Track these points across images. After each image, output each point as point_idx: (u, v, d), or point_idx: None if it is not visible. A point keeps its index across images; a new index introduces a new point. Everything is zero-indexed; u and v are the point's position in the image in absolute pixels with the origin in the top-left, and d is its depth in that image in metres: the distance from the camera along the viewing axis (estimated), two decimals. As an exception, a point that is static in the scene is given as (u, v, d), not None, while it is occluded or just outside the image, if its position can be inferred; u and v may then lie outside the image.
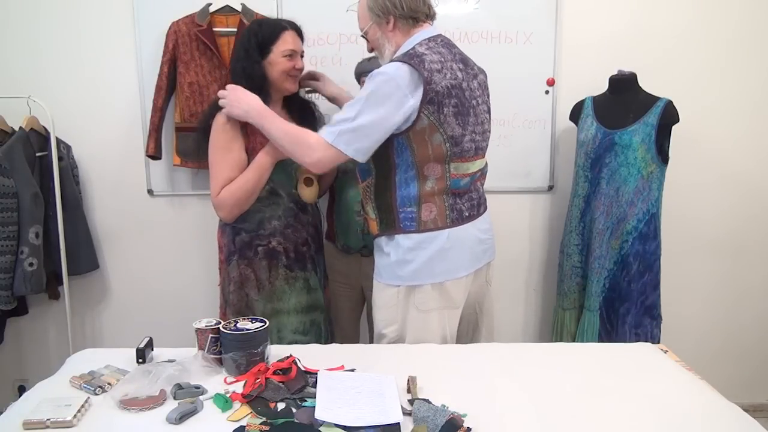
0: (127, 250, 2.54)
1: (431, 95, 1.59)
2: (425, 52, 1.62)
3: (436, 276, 1.69)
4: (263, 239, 1.89)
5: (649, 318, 2.21)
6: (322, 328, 1.99)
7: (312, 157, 1.65)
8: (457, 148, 1.66)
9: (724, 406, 1.33)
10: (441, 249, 1.68)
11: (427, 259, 1.68)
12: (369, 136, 1.60)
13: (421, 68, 1.57)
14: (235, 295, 1.92)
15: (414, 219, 1.68)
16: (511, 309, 2.63)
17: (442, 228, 1.68)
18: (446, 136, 1.63)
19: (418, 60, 1.59)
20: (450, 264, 1.70)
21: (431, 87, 1.58)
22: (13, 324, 2.46)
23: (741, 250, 2.59)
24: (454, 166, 1.68)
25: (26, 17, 2.36)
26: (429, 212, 1.68)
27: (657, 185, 2.17)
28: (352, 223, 2.14)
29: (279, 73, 1.87)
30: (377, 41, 1.74)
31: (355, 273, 2.23)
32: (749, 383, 2.63)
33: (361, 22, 1.77)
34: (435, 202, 1.68)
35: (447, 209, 1.69)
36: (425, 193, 1.67)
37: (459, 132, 1.65)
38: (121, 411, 1.28)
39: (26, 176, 2.20)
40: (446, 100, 1.61)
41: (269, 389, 1.35)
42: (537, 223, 2.59)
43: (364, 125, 1.58)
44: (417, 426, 1.21)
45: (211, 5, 2.30)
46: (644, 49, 2.42)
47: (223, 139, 1.83)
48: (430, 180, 1.67)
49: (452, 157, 1.66)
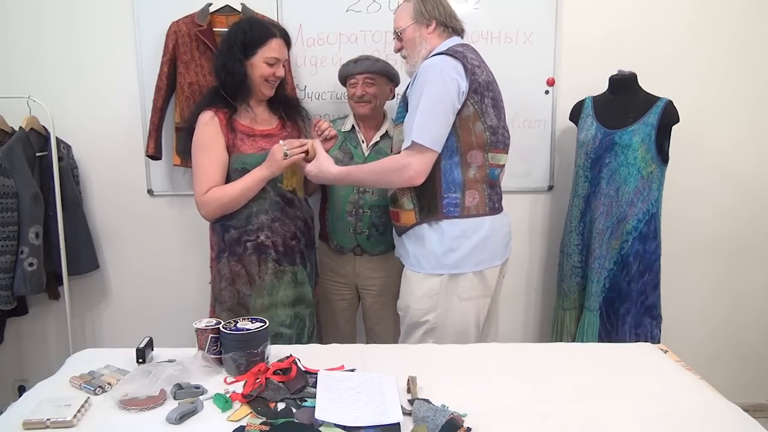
0: (127, 250, 2.54)
1: (475, 85, 1.72)
2: (463, 50, 1.76)
3: (478, 264, 1.79)
4: (251, 234, 1.91)
5: (649, 318, 2.21)
6: (306, 322, 1.99)
7: (409, 172, 1.72)
8: (494, 137, 1.79)
9: (724, 406, 1.33)
10: (484, 237, 1.78)
11: (472, 247, 1.77)
12: (438, 120, 1.69)
13: (465, 60, 1.72)
14: (227, 291, 1.94)
15: (458, 205, 1.77)
16: (511, 309, 2.63)
17: (483, 215, 1.79)
18: (486, 125, 1.76)
19: (461, 55, 1.73)
20: (490, 252, 1.81)
21: (475, 78, 1.72)
22: (13, 324, 2.46)
23: (741, 250, 2.59)
24: (492, 155, 1.80)
25: (26, 17, 2.36)
26: (472, 198, 1.78)
27: (657, 185, 2.17)
28: (344, 223, 2.16)
29: (257, 77, 1.90)
30: (413, 41, 1.83)
31: (349, 272, 2.24)
32: (749, 383, 2.63)
33: (400, 21, 1.86)
34: (477, 189, 1.79)
35: (486, 197, 1.81)
36: (469, 179, 1.77)
37: (496, 123, 1.79)
38: (121, 411, 1.28)
39: (26, 176, 2.20)
40: (486, 92, 1.76)
41: (269, 389, 1.35)
42: (537, 223, 2.59)
43: (430, 110, 1.68)
44: (417, 426, 1.21)
45: (211, 5, 2.30)
46: (644, 49, 2.42)
47: (205, 138, 1.87)
48: (472, 167, 1.77)
49: (491, 146, 1.79)
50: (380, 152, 2.15)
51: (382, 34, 2.37)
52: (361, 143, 2.18)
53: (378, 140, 2.17)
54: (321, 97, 2.44)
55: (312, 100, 2.42)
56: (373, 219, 2.15)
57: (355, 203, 2.14)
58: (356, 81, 2.12)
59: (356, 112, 2.17)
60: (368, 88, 2.11)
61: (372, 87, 2.11)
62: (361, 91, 2.11)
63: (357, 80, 2.12)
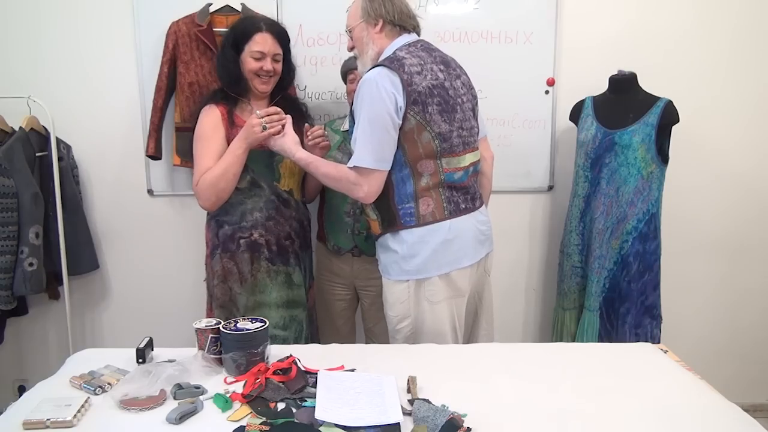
0: (127, 250, 2.54)
1: (414, 96, 1.66)
2: (405, 56, 1.70)
3: (442, 267, 1.75)
4: (245, 231, 1.91)
5: (649, 318, 2.21)
6: (304, 325, 1.99)
7: (360, 193, 1.71)
8: (446, 143, 1.73)
9: (724, 406, 1.33)
10: (444, 240, 1.74)
11: (431, 251, 1.74)
12: (379, 140, 1.66)
13: (401, 71, 1.66)
14: (219, 288, 1.94)
15: (413, 214, 1.74)
16: (511, 309, 2.63)
17: (440, 220, 1.75)
18: (434, 134, 1.70)
19: (398, 64, 1.67)
20: (454, 254, 1.76)
21: (413, 88, 1.66)
22: (13, 324, 2.46)
23: (741, 250, 2.59)
24: (446, 161, 1.75)
25: (26, 17, 2.35)
26: (426, 206, 1.74)
27: (657, 185, 2.17)
28: (341, 224, 2.15)
29: (247, 72, 1.91)
30: (361, 40, 1.81)
31: (347, 273, 2.24)
32: (749, 383, 2.63)
33: (350, 19, 1.84)
34: (431, 196, 1.74)
35: (444, 202, 1.76)
36: (421, 188, 1.73)
37: (446, 128, 1.73)
38: (121, 411, 1.28)
39: (26, 176, 2.20)
40: (429, 99, 1.69)
41: (269, 389, 1.35)
42: (537, 223, 2.59)
43: (369, 132, 1.65)
44: (417, 426, 1.21)
45: (211, 5, 2.30)
46: (644, 49, 2.42)
47: (205, 130, 1.89)
48: (424, 176, 1.73)
49: (442, 152, 1.73)
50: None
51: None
52: None
53: None
54: (321, 97, 2.44)
55: (312, 100, 2.42)
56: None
57: (354, 204, 2.13)
58: (354, 77, 2.12)
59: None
60: None
61: None
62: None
63: (355, 75, 2.12)
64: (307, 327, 2.02)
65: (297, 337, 1.96)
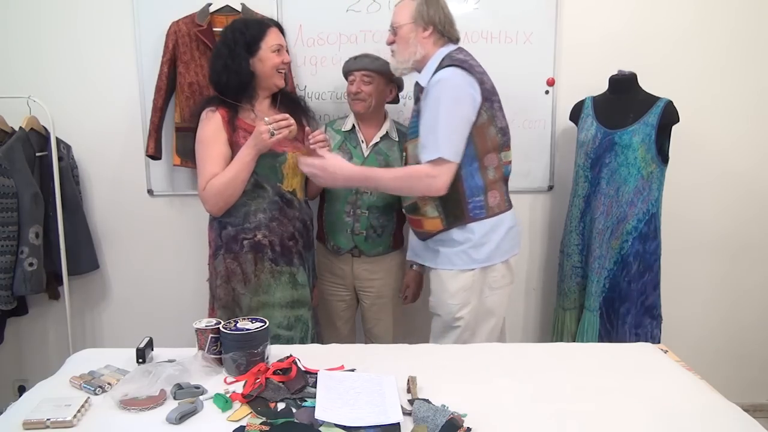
0: (127, 250, 2.54)
1: (485, 94, 1.79)
2: (466, 58, 1.81)
3: (504, 254, 1.90)
4: (249, 232, 1.91)
5: (649, 318, 2.21)
6: (310, 324, 1.99)
7: (437, 184, 1.78)
8: (505, 137, 1.89)
9: (724, 406, 1.33)
10: (508, 229, 1.90)
11: (499, 239, 1.87)
12: (459, 134, 1.77)
13: (473, 71, 1.78)
14: (222, 289, 1.94)
15: (483, 206, 1.85)
16: (511, 309, 2.61)
17: (505, 211, 1.90)
18: (498, 128, 1.85)
19: (467, 65, 1.78)
20: (512, 242, 1.93)
21: (484, 87, 1.79)
22: (13, 324, 2.46)
23: (741, 250, 2.59)
24: (504, 154, 1.90)
25: (26, 17, 2.36)
26: (494, 198, 1.87)
27: (657, 185, 2.17)
28: (341, 224, 2.15)
29: (269, 68, 1.91)
30: (407, 41, 1.85)
31: (347, 274, 2.23)
32: (749, 383, 2.63)
33: (398, 16, 1.87)
34: (497, 188, 1.88)
35: (504, 194, 1.92)
36: (489, 181, 1.86)
37: (505, 123, 1.89)
38: (121, 411, 1.28)
39: (26, 176, 2.20)
40: (493, 97, 1.84)
41: (269, 389, 1.35)
42: (537, 223, 2.59)
43: (451, 126, 1.75)
44: (417, 426, 1.21)
45: (211, 5, 2.30)
46: (644, 49, 2.42)
47: (207, 134, 1.89)
48: (490, 169, 1.85)
49: (503, 146, 1.88)
50: (380, 153, 2.15)
51: (382, 34, 2.34)
52: (361, 143, 2.17)
53: (378, 141, 2.17)
54: (321, 97, 2.45)
55: (312, 100, 2.42)
56: (371, 220, 2.14)
57: (353, 204, 2.13)
58: (354, 78, 2.12)
59: (352, 109, 2.17)
60: (364, 86, 2.10)
61: (369, 85, 2.10)
62: (357, 88, 2.10)
63: (355, 77, 2.12)
64: (313, 326, 2.02)
65: (303, 336, 1.96)
